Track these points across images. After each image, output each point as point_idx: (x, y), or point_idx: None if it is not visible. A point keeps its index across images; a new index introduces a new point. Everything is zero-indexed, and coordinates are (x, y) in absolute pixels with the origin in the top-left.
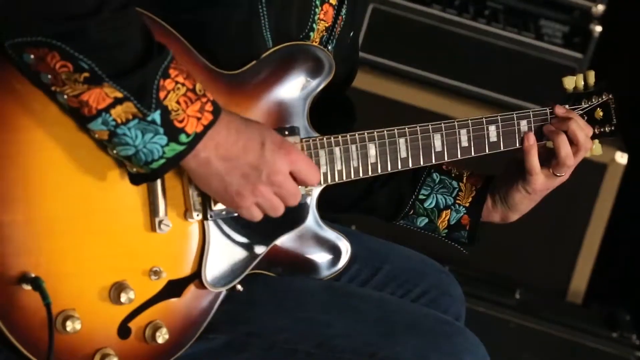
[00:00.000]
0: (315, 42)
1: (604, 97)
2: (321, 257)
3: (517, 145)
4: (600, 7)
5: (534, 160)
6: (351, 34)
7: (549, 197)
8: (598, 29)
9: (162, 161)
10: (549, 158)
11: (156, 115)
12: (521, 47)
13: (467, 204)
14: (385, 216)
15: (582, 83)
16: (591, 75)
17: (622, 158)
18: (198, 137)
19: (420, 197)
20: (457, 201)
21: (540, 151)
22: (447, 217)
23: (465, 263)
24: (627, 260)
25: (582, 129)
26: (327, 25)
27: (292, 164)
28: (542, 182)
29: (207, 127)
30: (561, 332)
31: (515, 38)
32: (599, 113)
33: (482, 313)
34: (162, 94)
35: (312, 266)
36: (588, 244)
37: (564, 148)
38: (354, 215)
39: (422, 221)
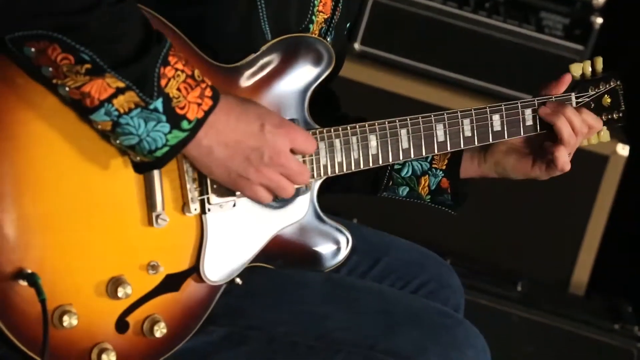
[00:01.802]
0: (315, 34)
1: (611, 83)
2: (321, 250)
3: (522, 134)
4: None
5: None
6: (347, 24)
7: (551, 189)
8: (599, 20)
9: (165, 149)
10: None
11: (158, 103)
12: (522, 40)
13: (444, 167)
14: (366, 192)
15: (590, 70)
16: (599, 62)
17: (623, 150)
18: (199, 123)
19: (396, 167)
20: (434, 165)
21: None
22: (427, 182)
23: (466, 256)
24: (629, 251)
25: (576, 114)
26: (325, 16)
27: (291, 142)
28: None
29: (207, 113)
30: (563, 324)
31: (516, 30)
32: (607, 100)
33: (484, 306)
34: (163, 82)
35: (312, 259)
36: (590, 235)
37: (566, 129)
38: (356, 209)
39: (403, 190)
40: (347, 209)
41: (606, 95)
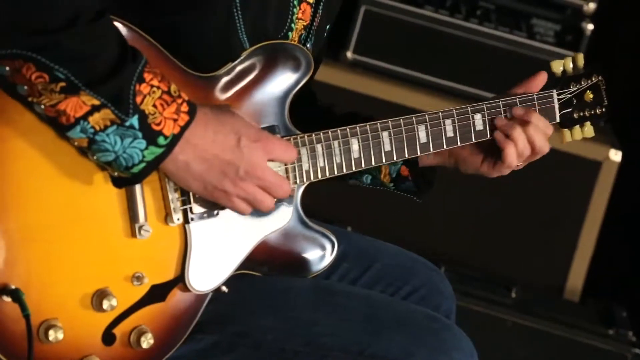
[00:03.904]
0: (294, 41)
1: (593, 79)
2: (307, 255)
3: None
4: (592, 5)
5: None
6: (327, 27)
7: (545, 195)
8: (590, 27)
9: (142, 165)
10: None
11: (134, 120)
12: (513, 47)
13: None
14: (336, 179)
15: (571, 66)
16: (580, 58)
17: (616, 156)
18: (176, 139)
19: None
20: None
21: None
22: (387, 170)
23: (461, 262)
24: (623, 257)
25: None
26: (305, 23)
27: (268, 154)
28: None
29: (183, 128)
30: (558, 330)
31: (508, 37)
32: (589, 95)
33: (479, 312)
34: (138, 99)
35: (298, 264)
36: (584, 241)
37: (511, 155)
38: (350, 216)
39: (367, 178)
40: (341, 217)
41: (588, 91)
